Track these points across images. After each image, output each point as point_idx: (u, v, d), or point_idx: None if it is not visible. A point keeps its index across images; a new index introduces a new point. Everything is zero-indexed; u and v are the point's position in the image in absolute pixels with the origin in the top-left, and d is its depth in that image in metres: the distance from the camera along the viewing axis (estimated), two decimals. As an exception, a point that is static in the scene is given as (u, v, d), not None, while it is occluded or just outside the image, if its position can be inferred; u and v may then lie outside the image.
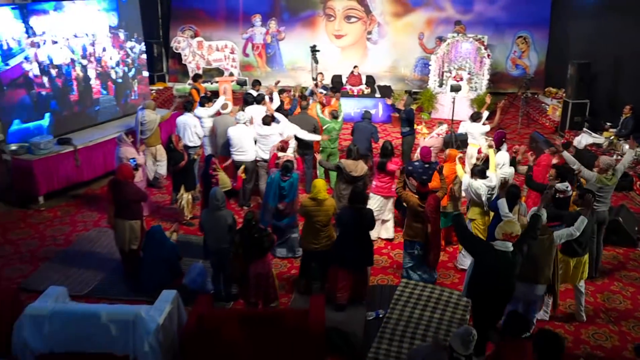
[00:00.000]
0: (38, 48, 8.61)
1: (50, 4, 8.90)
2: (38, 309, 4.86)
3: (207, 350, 4.86)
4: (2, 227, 7.98)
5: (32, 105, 8.49)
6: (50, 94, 8.81)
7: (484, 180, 6.47)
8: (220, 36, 15.96)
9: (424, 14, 15.88)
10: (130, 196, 6.43)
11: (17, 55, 8.17)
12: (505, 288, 4.82)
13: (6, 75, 8.01)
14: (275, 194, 6.92)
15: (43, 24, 8.67)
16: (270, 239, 5.72)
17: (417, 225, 6.36)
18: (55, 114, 8.94)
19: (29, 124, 8.39)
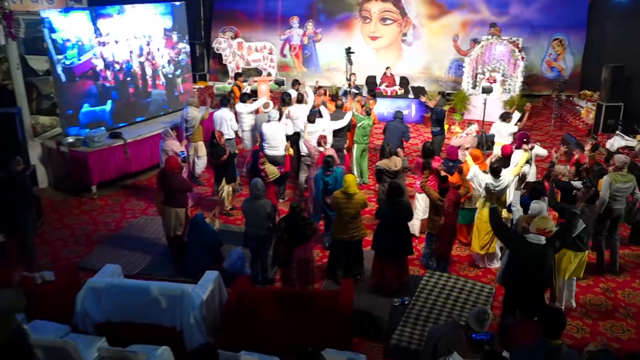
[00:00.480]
0: (103, 46, 9.68)
1: (115, 8, 9.89)
2: (97, 282, 5.46)
3: (245, 325, 5.35)
4: (59, 213, 8.70)
5: (97, 93, 9.66)
6: (112, 85, 9.94)
7: (493, 177, 6.79)
8: (259, 37, 16.55)
9: (459, 16, 16.07)
10: (177, 186, 7.00)
11: (87, 52, 9.33)
12: (537, 279, 5.09)
13: (79, 68, 9.27)
14: (319, 189, 7.40)
15: (108, 26, 9.71)
16: (312, 227, 6.20)
17: (437, 219, 6.74)
18: (115, 102, 10.06)
19: (95, 107, 9.61)
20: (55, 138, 9.54)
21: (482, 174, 7.03)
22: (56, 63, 8.98)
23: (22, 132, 7.88)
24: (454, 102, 14.34)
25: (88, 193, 9.25)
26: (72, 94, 9.25)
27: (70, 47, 9.18)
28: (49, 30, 8.81)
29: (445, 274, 6.81)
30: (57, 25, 8.92)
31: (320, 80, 16.23)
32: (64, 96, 9.16)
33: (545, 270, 5.13)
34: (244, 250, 7.04)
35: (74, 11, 9.19)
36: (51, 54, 8.88)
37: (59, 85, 9.08)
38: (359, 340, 5.71)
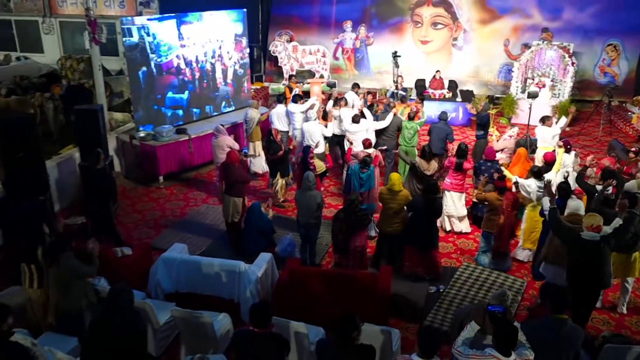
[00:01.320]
0: (184, 48, 11.19)
1: (195, 15, 11.31)
2: (169, 257, 6.31)
3: (294, 299, 6.06)
4: (131, 199, 9.73)
5: (178, 85, 11.25)
6: (189, 80, 11.49)
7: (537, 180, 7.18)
8: (313, 41, 17.30)
9: (511, 21, 16.23)
10: (236, 177, 7.80)
11: (172, 52, 10.93)
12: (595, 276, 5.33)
13: (165, 64, 10.88)
14: (354, 183, 8.04)
15: (189, 31, 11.21)
16: (368, 218, 6.85)
17: (494, 218, 7.21)
18: (190, 92, 11.61)
19: (176, 95, 11.28)
20: (128, 132, 10.59)
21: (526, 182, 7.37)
22: (150, 60, 10.54)
23: (104, 126, 8.90)
24: (501, 106, 14.58)
25: (156, 183, 10.24)
26: (160, 83, 10.90)
27: (160, 48, 10.75)
28: (146, 34, 10.35)
29: (479, 267, 7.29)
30: (152, 30, 10.46)
31: (370, 83, 16.97)
32: (154, 84, 10.79)
33: (603, 267, 5.31)
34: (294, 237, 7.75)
35: (165, 20, 10.78)
36: (147, 52, 10.45)
37: (152, 77, 10.71)
38: (395, 320, 6.30)
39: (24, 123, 7.67)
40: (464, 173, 8.24)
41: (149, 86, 10.59)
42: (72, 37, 20.11)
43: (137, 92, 10.48)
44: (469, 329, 4.03)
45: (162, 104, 10.95)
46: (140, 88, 10.46)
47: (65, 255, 5.25)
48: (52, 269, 5.27)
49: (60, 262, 5.20)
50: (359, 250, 6.75)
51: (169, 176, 10.41)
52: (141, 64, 10.36)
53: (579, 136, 13.40)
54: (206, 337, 5.26)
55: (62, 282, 5.22)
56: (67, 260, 5.24)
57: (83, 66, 16.75)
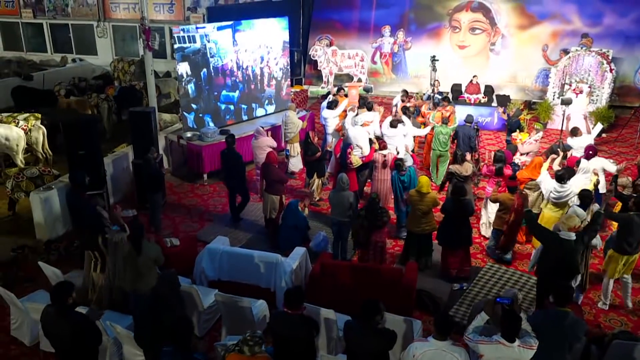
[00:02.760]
0: (237, 53, 12.15)
1: (248, 24, 12.22)
2: (214, 248, 6.95)
3: (326, 289, 6.58)
4: (177, 195, 10.47)
5: (230, 85, 12.24)
6: (240, 81, 12.44)
7: (557, 183, 7.48)
8: (352, 45, 17.79)
9: (550, 27, 16.28)
10: (274, 176, 8.38)
11: (227, 56, 11.94)
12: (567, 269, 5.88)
13: (222, 67, 11.87)
14: (399, 188, 8.51)
15: (242, 37, 12.14)
16: (387, 215, 7.33)
17: (504, 217, 7.57)
18: (241, 92, 12.56)
19: (229, 93, 12.28)
20: (176, 132, 11.35)
21: (549, 180, 7.74)
22: (209, 63, 11.57)
23: (155, 127, 9.67)
24: (537, 111, 14.70)
25: (200, 180, 10.96)
26: (217, 83, 11.93)
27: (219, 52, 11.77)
28: (207, 41, 11.39)
29: (503, 267, 7.64)
30: (212, 37, 11.47)
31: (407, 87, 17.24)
32: (213, 83, 11.79)
33: (573, 262, 5.89)
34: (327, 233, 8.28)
35: (224, 29, 11.77)
36: (207, 57, 11.46)
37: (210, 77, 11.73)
38: (419, 313, 6.73)
39: (86, 123, 8.48)
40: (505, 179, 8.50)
41: (209, 85, 11.65)
42: (123, 40, 21.31)
43: (199, 89, 11.51)
44: (479, 318, 4.45)
45: (218, 99, 12.00)
46: (202, 86, 11.52)
47: (147, 243, 5.86)
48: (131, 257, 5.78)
49: (143, 250, 5.75)
50: (380, 245, 7.23)
51: (213, 174, 11.09)
52: (203, 66, 11.40)
53: (615, 142, 13.42)
54: (245, 320, 5.85)
55: (145, 268, 5.76)
56: (151, 247, 5.85)
57: (134, 68, 17.78)
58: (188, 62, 11.04)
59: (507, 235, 7.56)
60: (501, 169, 8.46)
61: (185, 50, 10.92)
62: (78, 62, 20.77)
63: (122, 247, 5.85)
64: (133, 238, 5.82)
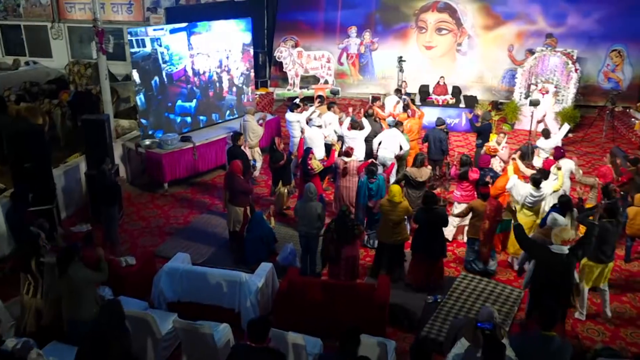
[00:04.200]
0: (193, 58, 11.39)
1: (205, 26, 11.48)
2: (172, 267, 6.47)
3: (293, 309, 6.19)
4: (136, 206, 9.90)
5: (187, 93, 11.50)
6: (197, 89, 11.72)
7: (533, 187, 7.28)
8: (319, 46, 17.40)
9: (515, 27, 16.24)
10: (238, 187, 7.93)
11: (182, 61, 11.19)
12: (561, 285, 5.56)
13: (176, 73, 11.13)
14: (365, 194, 8.17)
15: (198, 41, 11.42)
16: (359, 229, 6.96)
17: (478, 225, 7.32)
18: (198, 101, 11.84)
19: (185, 103, 11.54)
20: (134, 140, 10.76)
21: (521, 185, 7.54)
22: (162, 70, 10.80)
23: (110, 135, 9.08)
24: (505, 112, 14.64)
25: (160, 189, 10.40)
26: (171, 92, 11.17)
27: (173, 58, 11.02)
28: (158, 45, 10.59)
29: (477, 277, 7.39)
30: (164, 41, 10.70)
31: (375, 88, 17.08)
32: (166, 93, 11.06)
33: (568, 276, 5.60)
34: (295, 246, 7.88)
35: (177, 32, 11.00)
36: (159, 63, 10.69)
37: (163, 86, 10.96)
38: (393, 330, 6.41)
39: (32, 133, 7.84)
40: (471, 183, 8.33)
41: (161, 94, 10.85)
42: (80, 42, 20.39)
43: (149, 100, 10.66)
44: (459, 345, 4.15)
45: (172, 112, 11.23)
46: (153, 96, 10.68)
47: (75, 265, 5.37)
48: (62, 281, 5.36)
49: (70, 273, 5.30)
50: (351, 260, 6.86)
51: (174, 183, 10.56)
52: (154, 74, 10.59)
53: (581, 142, 13.44)
54: (207, 347, 5.41)
55: (75, 293, 5.31)
56: (78, 270, 5.36)
57: (90, 72, 16.94)
58: (137, 69, 10.30)
59: (484, 243, 7.30)
60: (466, 173, 8.25)
61: (134, 56, 10.23)
62: (32, 65, 19.76)
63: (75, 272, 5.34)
64: (58, 259, 5.32)
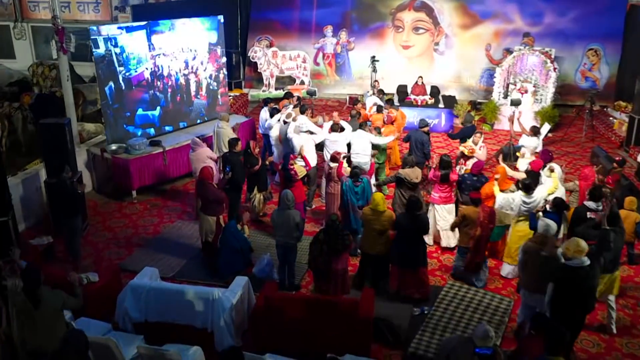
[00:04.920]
0: (155, 60, 10.57)
1: (167, 25, 10.67)
2: (138, 284, 5.93)
3: (271, 328, 5.73)
4: (102, 216, 9.29)
5: (149, 100, 10.62)
6: (161, 94, 10.85)
7: (525, 194, 6.95)
8: (294, 46, 16.97)
9: (492, 26, 16.10)
10: (209, 195, 7.43)
11: (142, 64, 10.31)
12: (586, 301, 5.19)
13: (135, 78, 10.27)
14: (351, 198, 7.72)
15: (160, 41, 10.60)
16: (350, 239, 6.52)
17: (470, 232, 6.95)
18: (163, 108, 10.99)
19: (147, 112, 10.64)
20: (99, 145, 10.14)
21: (510, 196, 7.14)
22: (118, 74, 9.89)
23: (72, 140, 8.46)
24: (484, 112, 14.42)
25: (129, 197, 9.81)
26: (129, 99, 10.26)
27: (130, 60, 10.14)
28: (113, 45, 9.71)
29: (465, 286, 7.04)
30: (120, 41, 9.83)
31: (351, 89, 16.71)
32: (124, 101, 10.15)
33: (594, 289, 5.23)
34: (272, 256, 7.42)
35: (135, 30, 10.11)
36: (114, 66, 9.80)
37: (120, 92, 10.05)
38: (378, 347, 6.00)
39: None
40: (450, 185, 8.01)
41: (118, 103, 9.96)
42: (45, 43, 19.53)
43: (105, 109, 9.84)
44: (456, 372, 3.75)
45: (132, 123, 10.30)
46: (107, 105, 9.81)
47: (45, 290, 4.80)
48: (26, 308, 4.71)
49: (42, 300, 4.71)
50: (341, 273, 6.44)
51: (143, 190, 9.99)
52: (108, 78, 9.74)
53: (561, 142, 13.28)
54: (176, 373, 4.91)
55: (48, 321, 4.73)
56: (51, 296, 4.80)
57: (55, 73, 16.13)
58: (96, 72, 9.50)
59: (474, 252, 6.93)
60: (447, 175, 7.92)
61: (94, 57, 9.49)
62: (-7, 67, 18.87)
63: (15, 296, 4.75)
64: (27, 288, 4.72)
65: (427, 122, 10.16)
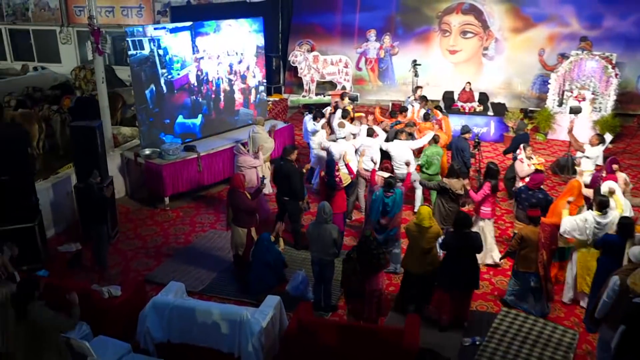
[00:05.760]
0: (199, 62, 10.11)
1: (212, 26, 10.21)
2: (161, 301, 5.46)
3: (304, 354, 5.16)
4: (133, 223, 8.96)
5: (190, 106, 10.12)
6: (204, 101, 10.33)
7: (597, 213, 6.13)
8: (335, 50, 16.48)
9: (546, 30, 15.17)
10: (240, 205, 6.93)
11: (186, 67, 9.88)
12: None
13: (178, 81, 9.84)
14: (378, 210, 7.10)
15: (204, 43, 10.13)
16: (386, 258, 5.91)
17: (532, 256, 6.17)
18: (205, 116, 10.46)
19: (187, 120, 10.09)
20: (134, 149, 9.85)
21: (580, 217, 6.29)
22: (160, 76, 9.51)
23: (102, 144, 8.16)
24: (537, 120, 13.51)
25: (161, 204, 9.45)
26: (170, 104, 9.83)
27: (173, 62, 9.75)
28: (156, 47, 9.33)
29: (522, 314, 6.29)
30: (164, 43, 9.46)
31: (395, 95, 16.05)
32: (164, 105, 9.70)
33: None
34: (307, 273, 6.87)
35: (179, 31, 9.67)
36: (156, 68, 9.43)
37: (161, 96, 9.61)
38: (423, 381, 5.33)
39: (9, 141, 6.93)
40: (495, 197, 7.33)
41: (158, 107, 9.54)
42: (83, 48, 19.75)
43: (141, 113, 9.41)
44: None
45: (171, 132, 9.82)
46: (147, 109, 9.37)
47: (35, 306, 4.42)
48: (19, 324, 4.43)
49: (30, 316, 4.37)
50: (376, 294, 5.82)
51: (176, 197, 9.61)
52: (149, 81, 9.34)
53: (623, 154, 12.24)
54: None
55: (34, 341, 4.38)
56: (40, 313, 4.42)
57: (97, 77, 16.20)
58: (132, 75, 9.11)
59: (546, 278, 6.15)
60: (497, 186, 7.19)
61: (131, 59, 9.10)
62: (40, 71, 19.14)
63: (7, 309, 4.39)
64: (16, 298, 4.35)
65: (469, 128, 9.45)
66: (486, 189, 7.14)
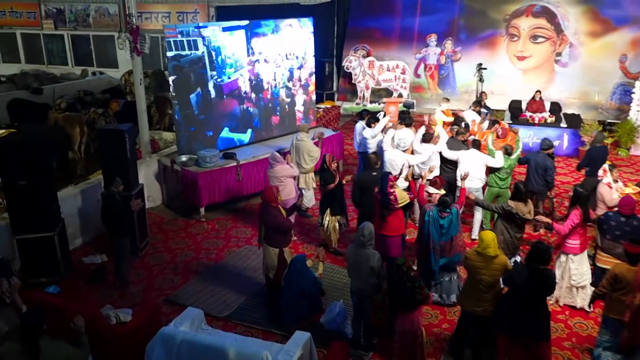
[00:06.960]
0: (252, 66, 9.27)
1: (270, 25, 9.40)
2: (170, 333, 4.70)
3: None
4: (165, 234, 8.35)
5: (240, 117, 9.22)
6: (256, 111, 9.38)
7: None
8: (393, 56, 15.56)
9: (629, 33, 13.64)
10: (270, 221, 6.09)
11: (238, 70, 9.05)
12: None
13: (227, 85, 9.01)
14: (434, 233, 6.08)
15: (261, 44, 9.31)
16: (424, 293, 4.93)
17: (625, 299, 4.95)
18: (255, 131, 9.49)
19: (234, 134, 9.15)
20: (172, 155, 9.29)
21: None
22: (208, 79, 8.82)
23: (133, 149, 7.60)
24: (618, 134, 12.01)
25: (197, 215, 8.82)
26: (217, 111, 9.02)
27: (226, 65, 9.04)
28: (206, 47, 8.69)
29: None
30: (216, 42, 8.79)
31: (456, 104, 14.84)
32: (210, 113, 8.95)
33: None
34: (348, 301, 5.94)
35: (234, 30, 8.97)
36: (205, 69, 8.78)
37: (208, 102, 8.87)
38: None
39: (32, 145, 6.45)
40: None
41: (203, 114, 8.80)
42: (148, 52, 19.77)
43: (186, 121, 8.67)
44: None
45: (214, 146, 8.98)
46: (189, 116, 8.64)
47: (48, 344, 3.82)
48: None
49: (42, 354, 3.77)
50: (410, 336, 4.84)
51: (213, 207, 8.95)
52: (197, 84, 8.62)
53: None
54: None
55: None
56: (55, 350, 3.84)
57: (148, 81, 16.02)
58: (178, 76, 8.46)
59: (630, 326, 4.97)
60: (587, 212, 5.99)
61: (181, 60, 8.50)
62: (98, 76, 19.37)
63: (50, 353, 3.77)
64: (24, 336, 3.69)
65: (551, 143, 8.26)
66: (575, 218, 5.95)
